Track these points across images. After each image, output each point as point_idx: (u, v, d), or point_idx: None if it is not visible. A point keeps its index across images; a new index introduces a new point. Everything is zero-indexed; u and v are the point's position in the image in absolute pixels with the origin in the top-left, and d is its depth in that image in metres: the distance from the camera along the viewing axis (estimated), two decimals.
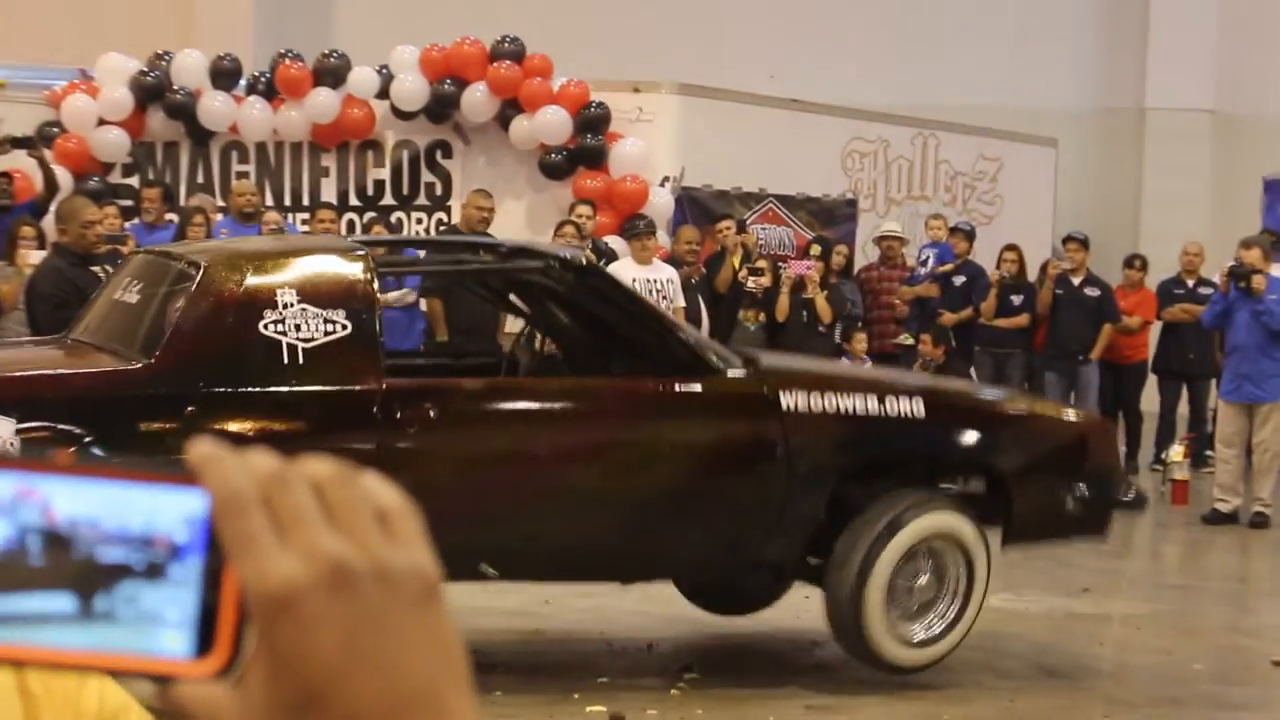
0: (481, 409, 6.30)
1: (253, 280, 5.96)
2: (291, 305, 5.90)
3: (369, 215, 13.26)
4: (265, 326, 5.86)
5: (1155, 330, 13.33)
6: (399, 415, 5.97)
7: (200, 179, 13.62)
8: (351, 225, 13.20)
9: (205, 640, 0.71)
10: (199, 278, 5.95)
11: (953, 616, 6.59)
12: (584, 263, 6.58)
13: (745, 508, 6.35)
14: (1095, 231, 14.15)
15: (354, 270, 6.11)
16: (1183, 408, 13.29)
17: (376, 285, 6.15)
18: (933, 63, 18.10)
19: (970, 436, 6.76)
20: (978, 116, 16.14)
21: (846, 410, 6.47)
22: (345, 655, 0.70)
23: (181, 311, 5.90)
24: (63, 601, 0.71)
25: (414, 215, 13.55)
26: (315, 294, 5.94)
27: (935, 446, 6.73)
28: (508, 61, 13.21)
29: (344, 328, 5.93)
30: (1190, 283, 13.14)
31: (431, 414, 6.03)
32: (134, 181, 13.36)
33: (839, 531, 6.45)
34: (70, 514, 0.71)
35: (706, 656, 6.97)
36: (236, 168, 13.59)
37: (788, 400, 6.39)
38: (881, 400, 6.53)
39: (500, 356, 7.52)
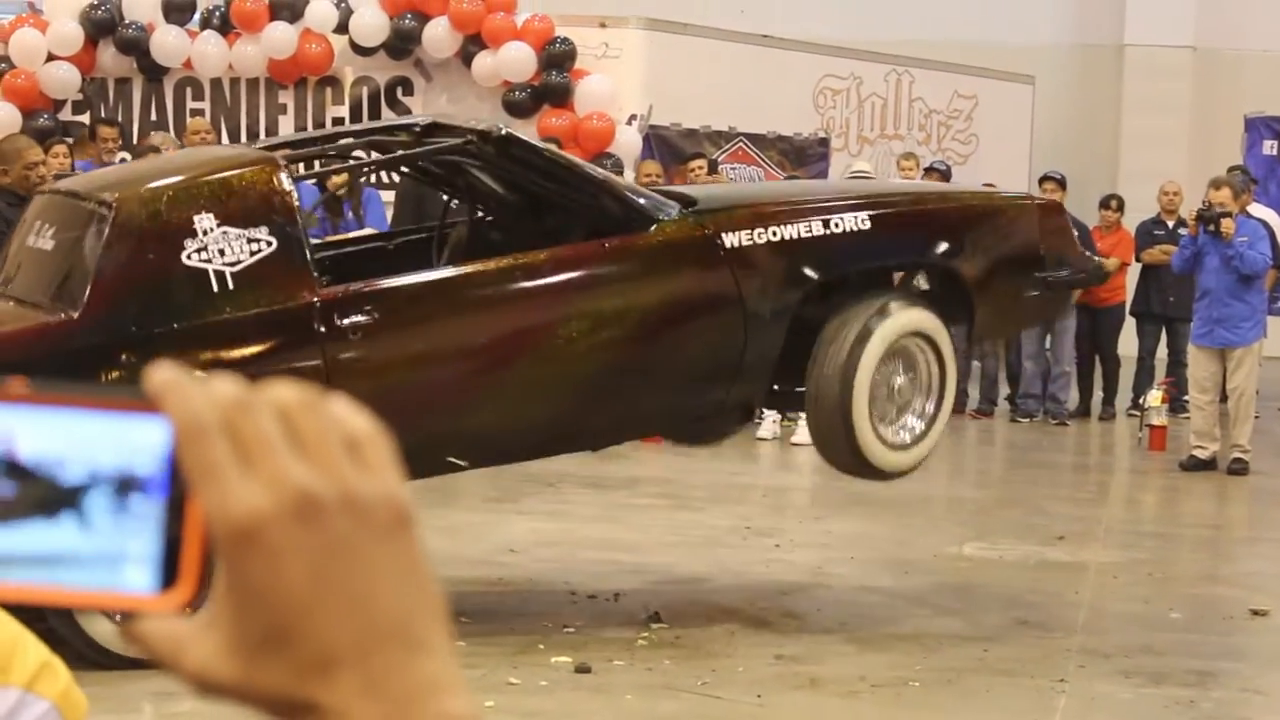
0: (422, 303, 6.20)
1: (167, 212, 5.82)
2: (211, 231, 5.78)
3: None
4: (188, 257, 5.75)
5: (1133, 272, 13.16)
6: (340, 324, 5.90)
7: (154, 116, 13.42)
8: (309, 164, 12.89)
9: (170, 574, 0.70)
10: (112, 218, 5.80)
11: (931, 412, 6.63)
12: (502, 133, 6.42)
13: (704, 356, 6.34)
14: (1073, 171, 13.96)
15: (269, 182, 5.94)
16: (1161, 351, 13.16)
17: (294, 192, 6.01)
18: None
19: (920, 243, 6.78)
20: (953, 53, 15.96)
21: (792, 238, 6.44)
22: (314, 587, 0.68)
23: (101, 257, 5.77)
24: (24, 537, 0.70)
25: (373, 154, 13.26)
26: (233, 215, 5.82)
27: (885, 259, 6.77)
28: None
29: (269, 244, 5.83)
30: (1170, 223, 12.97)
31: (373, 316, 5.96)
32: (85, 119, 13.07)
33: (802, 352, 6.44)
34: (29, 446, 0.70)
35: (673, 606, 6.90)
36: (191, 105, 13.40)
37: (730, 239, 6.35)
38: (826, 222, 6.51)
39: (430, 233, 7.30)
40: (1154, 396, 11.84)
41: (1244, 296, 10.66)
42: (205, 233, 5.75)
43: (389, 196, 12.29)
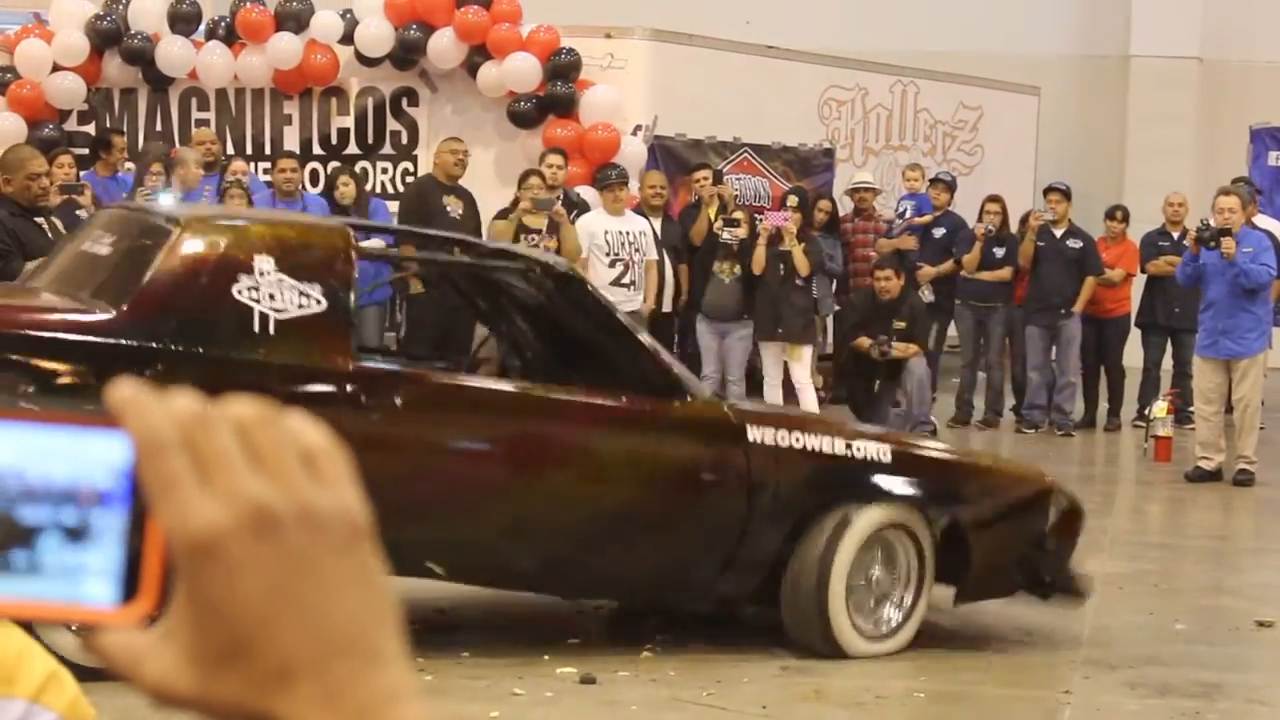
0: (449, 402, 6.24)
1: (231, 243, 5.91)
2: (268, 274, 5.82)
3: (332, 164, 12.98)
4: (239, 291, 5.79)
5: (1139, 284, 13.15)
6: (364, 398, 5.92)
7: (159, 127, 13.42)
8: (315, 175, 12.93)
9: (130, 588, 0.71)
10: (176, 233, 5.88)
11: (909, 604, 6.51)
12: (567, 271, 6.54)
13: (704, 537, 6.26)
14: (1078, 181, 13.96)
15: (334, 247, 6.04)
16: (1166, 362, 13.14)
17: (355, 267, 6.10)
18: (912, 8, 17.91)
19: (934, 489, 6.60)
20: (958, 64, 15.97)
21: (814, 449, 6.37)
22: (272, 600, 0.69)
23: (156, 265, 5.82)
24: None
25: (379, 165, 13.32)
26: (292, 265, 5.88)
27: (897, 495, 6.55)
28: (475, 6, 12.98)
29: (318, 303, 5.87)
30: (1175, 234, 12.95)
31: (398, 401, 5.97)
32: (90, 129, 13.08)
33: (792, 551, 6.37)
34: None
35: (679, 617, 6.85)
36: (196, 115, 13.40)
37: (755, 433, 6.30)
38: (849, 445, 6.45)
39: (463, 362, 7.45)
40: (1159, 407, 11.82)
41: (1249, 307, 10.64)
42: (262, 274, 5.80)
43: (394, 206, 12.34)
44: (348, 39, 13.11)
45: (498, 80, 12.89)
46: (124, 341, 5.66)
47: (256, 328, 5.78)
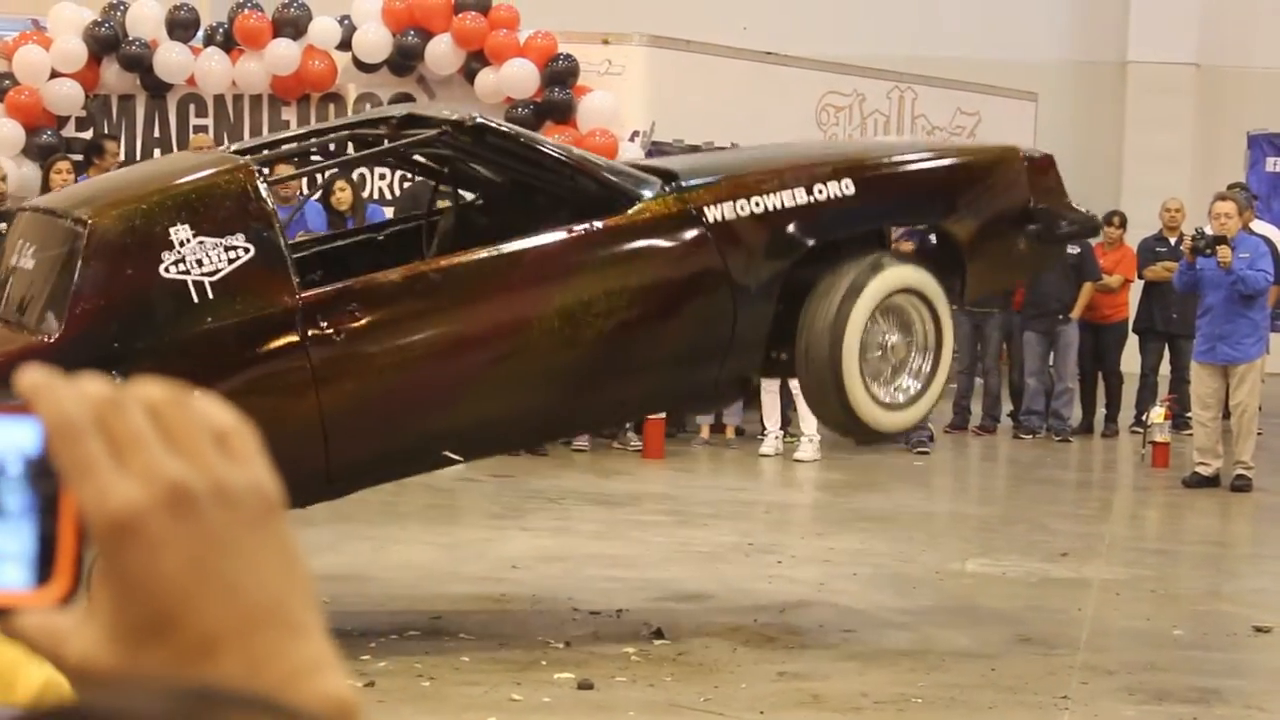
0: (405, 298, 6.13)
1: (142, 226, 5.80)
2: (188, 242, 5.76)
3: (330, 171, 12.94)
4: (166, 270, 5.73)
5: (1136, 289, 13.15)
6: (323, 326, 5.86)
7: (157, 133, 13.39)
8: (313, 180, 12.90)
9: (45, 570, 0.72)
10: (87, 235, 5.77)
11: (928, 371, 6.51)
12: (476, 121, 6.39)
13: (694, 334, 6.26)
14: (1075, 187, 13.79)
15: (244, 188, 5.92)
16: (1164, 368, 13.14)
17: (268, 196, 5.98)
18: (909, 14, 17.91)
19: (908, 205, 6.72)
20: (955, 70, 15.95)
21: (775, 208, 6.34)
22: (191, 576, 0.70)
23: (78, 275, 5.75)
24: None
25: (377, 170, 13.28)
26: (208, 223, 5.79)
27: (872, 223, 6.64)
28: (473, 12, 12.97)
29: (246, 251, 5.81)
30: (1172, 240, 12.94)
31: (356, 316, 5.91)
32: (88, 135, 13.07)
33: (795, 312, 6.35)
34: None
35: (676, 622, 6.89)
36: (194, 121, 13.37)
37: (713, 213, 6.26)
38: (809, 189, 6.39)
39: (417, 221, 7.26)
40: (1157, 413, 11.81)
41: (1246, 313, 10.64)
42: (182, 244, 5.73)
43: (390, 212, 12.32)
44: (345, 45, 13.09)
45: (495, 86, 12.88)
46: (75, 360, 5.51)
47: (195, 298, 5.72)
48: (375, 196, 12.90)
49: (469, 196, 7.21)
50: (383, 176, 13.31)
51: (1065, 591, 7.80)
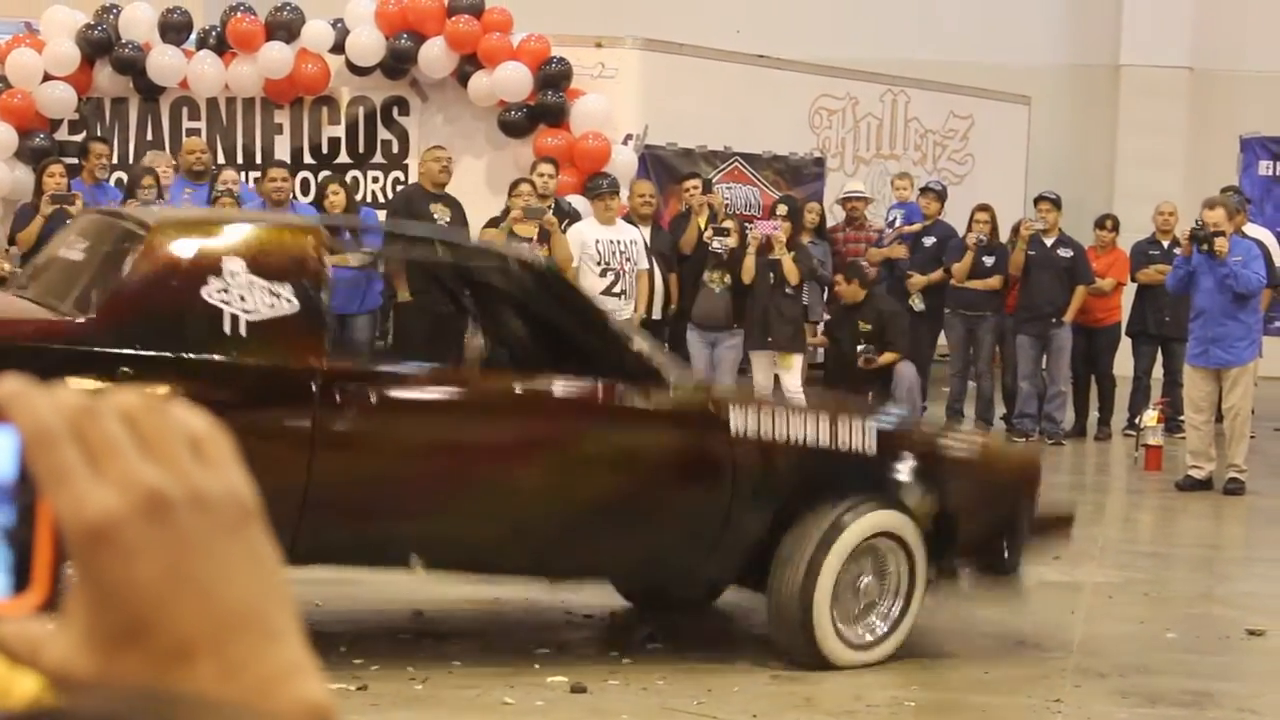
0: (422, 398, 6.22)
1: (200, 245, 5.89)
2: (238, 275, 5.80)
3: (323, 174, 12.96)
4: (209, 294, 5.77)
5: (1129, 293, 13.17)
6: (339, 399, 5.89)
7: (149, 136, 13.40)
8: (305, 184, 12.92)
9: (22, 578, 0.71)
10: (146, 238, 5.87)
11: (896, 615, 6.46)
12: (544, 265, 6.62)
13: (686, 522, 6.23)
14: (1068, 191, 13.97)
15: (305, 246, 6.02)
16: (1157, 371, 13.16)
17: (328, 265, 6.09)
18: (903, 17, 17.93)
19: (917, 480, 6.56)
20: (948, 73, 15.98)
21: (796, 440, 6.33)
22: (167, 582, 0.71)
23: (125, 270, 5.83)
24: None
25: (370, 174, 13.31)
26: (263, 266, 5.85)
27: (880, 484, 6.52)
28: (466, 16, 12.98)
29: (289, 303, 5.84)
30: (1165, 243, 12.97)
31: (374, 399, 5.95)
32: (81, 138, 13.07)
33: (777, 538, 6.31)
34: None
35: (669, 626, 6.84)
36: (187, 124, 13.37)
37: (737, 422, 6.25)
38: (834, 434, 6.38)
39: (449, 362, 7.39)
40: (1150, 416, 11.83)
41: (1239, 316, 10.64)
42: (232, 275, 5.78)
43: (384, 215, 12.32)
44: (338, 48, 13.10)
45: (489, 89, 12.89)
46: (95, 348, 5.66)
47: (228, 329, 5.76)
48: (369, 200, 12.90)
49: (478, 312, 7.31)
50: (375, 180, 13.32)
51: (1058, 594, 7.78)
